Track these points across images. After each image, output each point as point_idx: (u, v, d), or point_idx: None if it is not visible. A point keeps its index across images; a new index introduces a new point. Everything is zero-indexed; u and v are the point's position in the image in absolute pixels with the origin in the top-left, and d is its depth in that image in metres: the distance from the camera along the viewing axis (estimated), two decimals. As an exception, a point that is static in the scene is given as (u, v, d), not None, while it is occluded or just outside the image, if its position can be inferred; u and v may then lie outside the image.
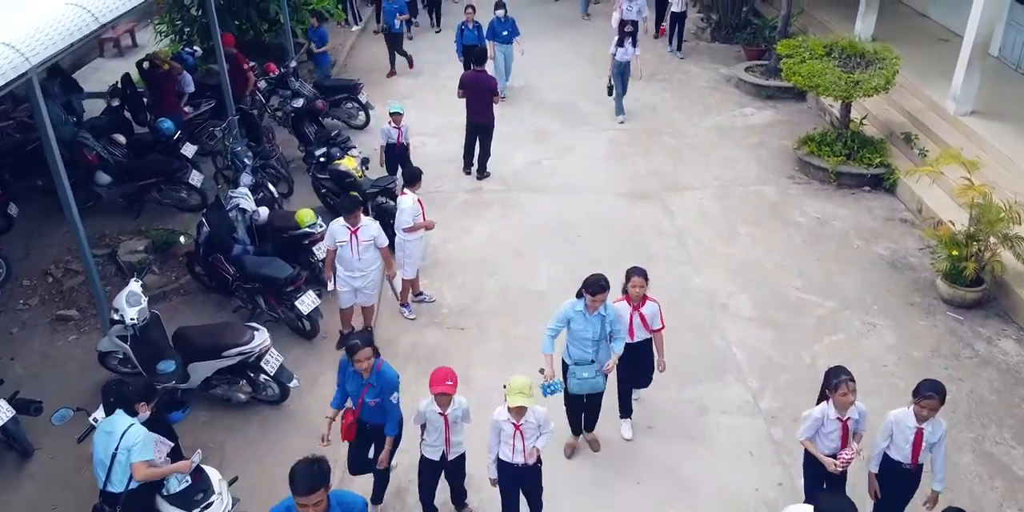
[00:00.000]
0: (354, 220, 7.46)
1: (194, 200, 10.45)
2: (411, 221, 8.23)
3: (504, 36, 13.64)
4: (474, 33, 13.68)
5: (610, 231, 10.16)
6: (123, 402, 5.29)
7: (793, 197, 10.93)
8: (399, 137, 10.35)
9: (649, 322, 6.57)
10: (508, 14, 13.64)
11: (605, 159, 12.22)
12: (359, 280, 7.72)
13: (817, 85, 10.71)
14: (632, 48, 12.72)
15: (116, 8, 7.36)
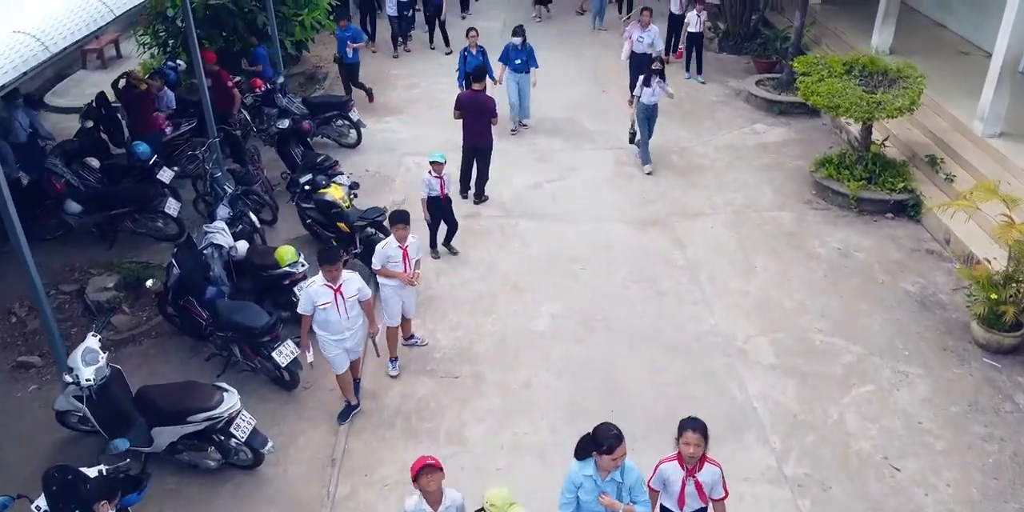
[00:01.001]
0: (334, 275, 6.63)
1: (171, 229, 9.77)
2: (378, 264, 7.38)
3: (517, 64, 12.39)
4: (478, 60, 12.36)
5: (616, 263, 9.48)
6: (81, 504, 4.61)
7: (811, 225, 10.24)
8: (442, 188, 9.07)
9: (708, 491, 5.08)
10: (527, 42, 12.42)
11: (610, 181, 11.53)
12: (349, 340, 6.90)
13: (837, 106, 10.02)
14: (661, 88, 11.29)
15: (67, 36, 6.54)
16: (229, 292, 7.79)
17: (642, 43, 12.94)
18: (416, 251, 7.52)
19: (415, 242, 7.51)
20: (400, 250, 7.33)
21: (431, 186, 9.04)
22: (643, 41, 12.93)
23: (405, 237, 7.32)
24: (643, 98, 11.26)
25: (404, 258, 7.37)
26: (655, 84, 11.17)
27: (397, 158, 12.27)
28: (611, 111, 13.90)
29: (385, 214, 8.69)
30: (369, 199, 10.91)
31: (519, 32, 12.37)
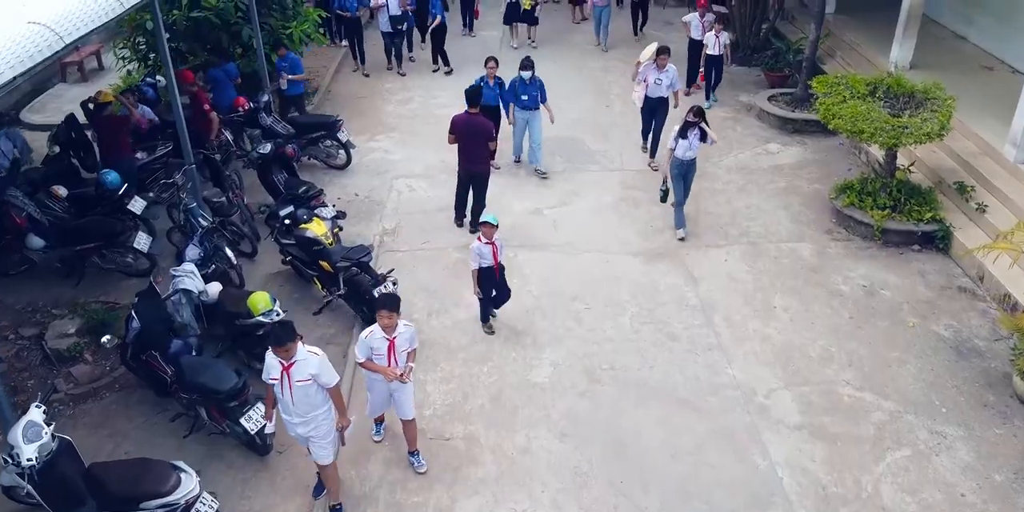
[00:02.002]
0: (286, 354, 5.60)
1: (142, 264, 9.06)
2: (361, 356, 6.20)
3: (525, 101, 11.04)
4: (494, 91, 11.12)
5: (623, 302, 8.75)
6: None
7: (833, 258, 9.51)
8: (495, 255, 7.77)
9: None
10: (536, 75, 11.05)
11: (615, 207, 10.79)
12: (300, 426, 5.86)
13: (861, 131, 9.28)
14: (700, 140, 9.63)
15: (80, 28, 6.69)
16: (196, 345, 7.06)
17: (659, 86, 11.25)
18: (408, 341, 6.18)
19: (406, 331, 6.14)
20: (386, 341, 6.07)
21: (482, 254, 7.72)
22: (660, 83, 11.24)
23: (392, 326, 6.02)
24: (678, 152, 9.58)
25: (390, 351, 6.08)
26: (692, 136, 9.49)
27: (388, 181, 11.54)
28: (615, 128, 13.19)
29: (371, 253, 7.97)
30: (358, 227, 10.26)
31: (528, 65, 10.97)
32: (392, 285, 7.90)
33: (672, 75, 11.22)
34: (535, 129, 11.26)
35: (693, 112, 9.46)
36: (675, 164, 9.71)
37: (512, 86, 11.07)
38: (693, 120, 9.42)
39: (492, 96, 10.93)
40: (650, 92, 11.31)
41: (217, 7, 12.30)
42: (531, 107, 11.07)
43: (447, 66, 15.52)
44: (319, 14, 13.92)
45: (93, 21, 6.82)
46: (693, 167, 9.86)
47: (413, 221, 10.49)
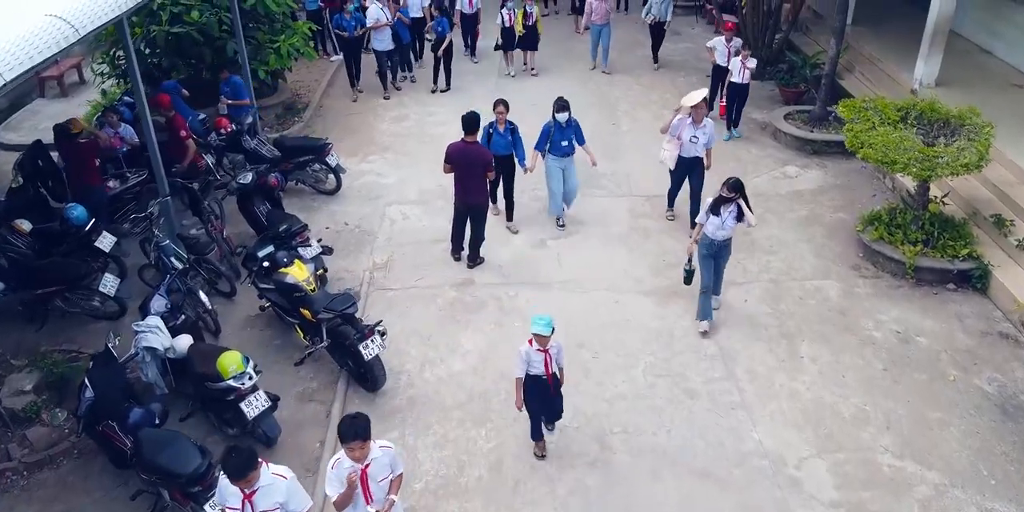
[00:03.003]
0: (247, 482, 4.74)
1: (110, 308, 8.34)
2: (332, 492, 5.02)
3: (564, 147, 9.64)
4: (506, 138, 9.56)
5: (635, 350, 8.00)
6: None
7: (862, 298, 8.75)
8: (547, 365, 6.28)
9: None
10: (572, 116, 9.62)
11: (624, 238, 10.04)
12: None
13: (894, 162, 8.53)
14: (737, 220, 7.84)
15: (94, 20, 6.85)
16: (160, 411, 6.30)
17: (695, 144, 9.47)
18: (388, 467, 5.16)
19: (383, 456, 5.11)
20: (359, 471, 5.00)
21: (530, 361, 6.25)
22: (696, 141, 9.44)
23: (362, 458, 4.97)
24: (708, 229, 7.89)
25: (363, 483, 5.01)
26: (727, 214, 7.76)
27: (380, 208, 10.80)
28: (623, 149, 12.45)
29: (356, 304, 7.20)
30: (347, 261, 9.53)
31: (564, 106, 9.46)
32: (380, 337, 7.15)
33: (709, 131, 9.47)
34: (572, 173, 9.89)
35: (728, 185, 7.70)
36: (704, 244, 8.03)
37: (546, 132, 9.59)
38: (728, 195, 7.73)
39: (503, 144, 9.57)
40: (684, 151, 9.55)
41: (200, 22, 11.60)
42: (569, 153, 9.72)
43: (447, 85, 14.62)
44: (308, 27, 13.20)
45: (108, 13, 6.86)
46: (727, 249, 8.12)
47: (406, 254, 9.75)
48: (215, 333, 8.12)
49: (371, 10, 13.62)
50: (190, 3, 11.75)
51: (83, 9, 6.74)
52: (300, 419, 7.20)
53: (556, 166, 9.77)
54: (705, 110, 9.39)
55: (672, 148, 9.61)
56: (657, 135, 12.80)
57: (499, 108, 9.50)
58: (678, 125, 9.47)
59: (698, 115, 9.29)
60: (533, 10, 14.55)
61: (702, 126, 9.38)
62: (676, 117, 9.50)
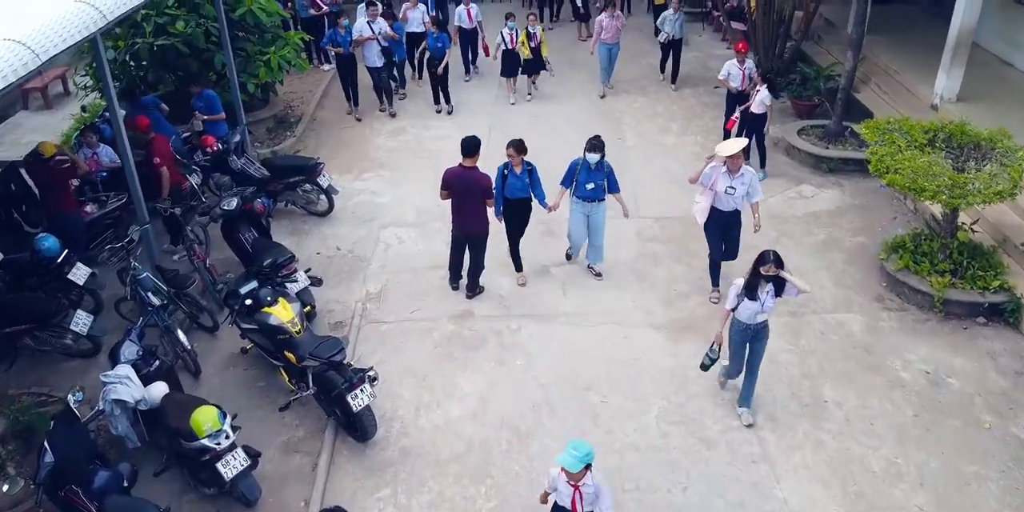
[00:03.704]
0: None
1: (83, 345, 7.78)
2: None
3: (589, 191, 8.61)
4: (522, 180, 8.49)
5: (647, 393, 7.45)
6: None
7: (888, 334, 8.20)
8: (575, 505, 5.18)
9: None
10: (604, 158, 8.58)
11: (632, 265, 9.49)
12: None
13: (922, 188, 7.97)
14: (775, 298, 6.59)
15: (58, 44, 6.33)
16: (129, 472, 5.74)
17: (731, 196, 8.12)
18: None
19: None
20: None
21: (559, 491, 5.25)
22: (732, 193, 8.07)
23: None
24: (741, 314, 6.57)
25: None
26: (766, 295, 6.45)
27: (375, 231, 10.25)
28: (629, 166, 11.88)
29: (343, 350, 6.63)
30: (338, 290, 9.00)
31: (596, 146, 8.44)
32: (371, 385, 6.60)
33: (750, 181, 8.09)
34: (597, 225, 8.80)
35: (770, 261, 6.30)
36: (737, 330, 6.66)
37: (572, 169, 8.62)
38: (769, 274, 6.35)
39: (520, 187, 8.49)
40: (719, 203, 8.21)
41: (185, 33, 11.04)
42: (595, 199, 8.67)
43: (448, 104, 13.70)
44: (301, 37, 12.64)
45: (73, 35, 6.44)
46: (764, 334, 6.72)
47: (401, 282, 9.19)
48: (195, 373, 7.58)
49: (357, 23, 12.97)
50: (175, 13, 11.21)
51: (45, 32, 6.20)
52: (284, 473, 6.65)
53: (579, 211, 8.71)
54: (743, 160, 8.02)
55: (704, 200, 8.24)
56: (664, 149, 12.39)
57: (510, 150, 8.41)
58: (710, 174, 8.08)
59: (735, 164, 7.94)
60: (536, 31, 13.38)
61: (739, 175, 8.03)
62: (708, 165, 8.14)
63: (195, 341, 7.99)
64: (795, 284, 6.42)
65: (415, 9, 14.11)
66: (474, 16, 14.19)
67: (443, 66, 13.13)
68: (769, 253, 6.43)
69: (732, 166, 7.97)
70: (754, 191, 8.18)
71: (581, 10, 17.00)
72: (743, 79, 11.46)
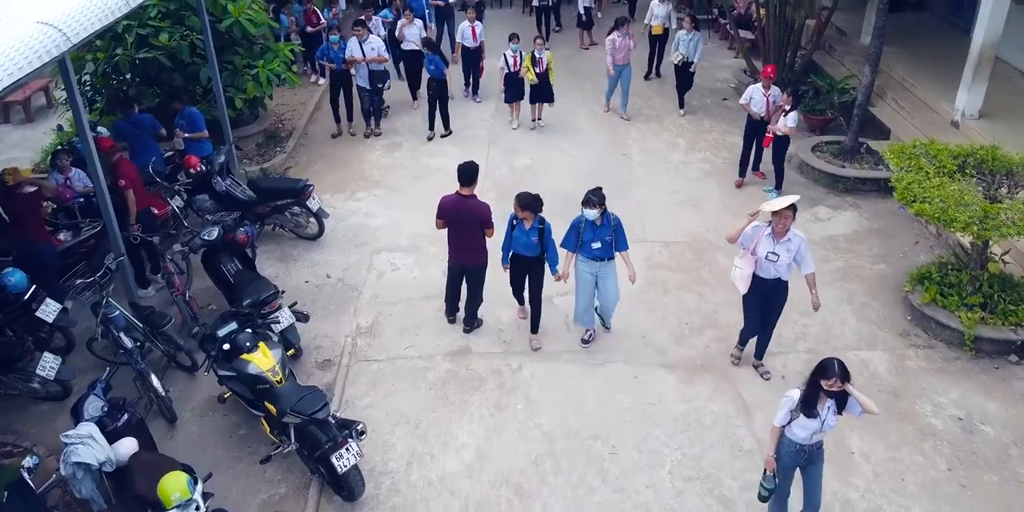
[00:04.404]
0: None
1: (52, 388, 7.22)
2: None
3: (595, 250, 7.53)
4: (530, 238, 7.54)
5: (659, 444, 6.89)
6: None
7: (916, 375, 7.66)
8: None
9: None
10: (608, 212, 7.47)
11: (641, 295, 8.91)
12: None
13: (953, 219, 7.42)
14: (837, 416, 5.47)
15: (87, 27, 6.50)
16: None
17: (774, 263, 6.94)
18: None
19: None
20: None
21: None
22: (776, 260, 6.92)
23: None
24: (797, 434, 5.49)
25: None
26: (826, 412, 5.40)
27: (367, 257, 9.69)
28: (635, 184, 11.37)
29: (327, 405, 6.05)
30: (326, 324, 8.48)
31: (593, 201, 7.30)
32: (358, 441, 6.04)
33: (797, 248, 6.89)
34: (608, 288, 7.76)
35: (835, 375, 5.19)
36: (788, 450, 5.56)
37: (575, 228, 7.50)
38: (833, 388, 5.24)
39: (527, 244, 7.56)
40: (760, 270, 7.03)
41: (169, 46, 10.50)
42: (603, 258, 7.62)
43: (446, 128, 12.76)
44: (291, 49, 12.07)
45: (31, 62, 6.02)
46: (819, 456, 5.68)
47: (394, 315, 8.64)
48: (170, 420, 7.02)
49: (348, 42, 12.19)
50: (159, 25, 10.67)
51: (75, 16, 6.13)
52: (265, 536, 6.10)
53: (586, 271, 7.66)
54: (791, 219, 6.79)
55: (745, 265, 7.05)
56: (671, 167, 11.82)
57: (517, 208, 7.46)
58: (752, 235, 6.93)
59: (781, 225, 6.77)
60: (544, 55, 12.23)
61: (785, 240, 6.86)
62: (749, 224, 6.96)
63: (172, 383, 7.47)
64: (861, 402, 5.31)
65: (412, 25, 13.20)
66: (479, 34, 13.44)
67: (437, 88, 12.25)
68: (833, 364, 5.23)
69: (778, 227, 6.78)
70: (804, 261, 6.97)
71: (583, 17, 16.45)
72: (767, 106, 10.55)
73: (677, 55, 13.04)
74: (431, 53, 12.11)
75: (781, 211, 6.71)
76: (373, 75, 12.10)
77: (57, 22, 6.20)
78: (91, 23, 6.52)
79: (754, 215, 6.93)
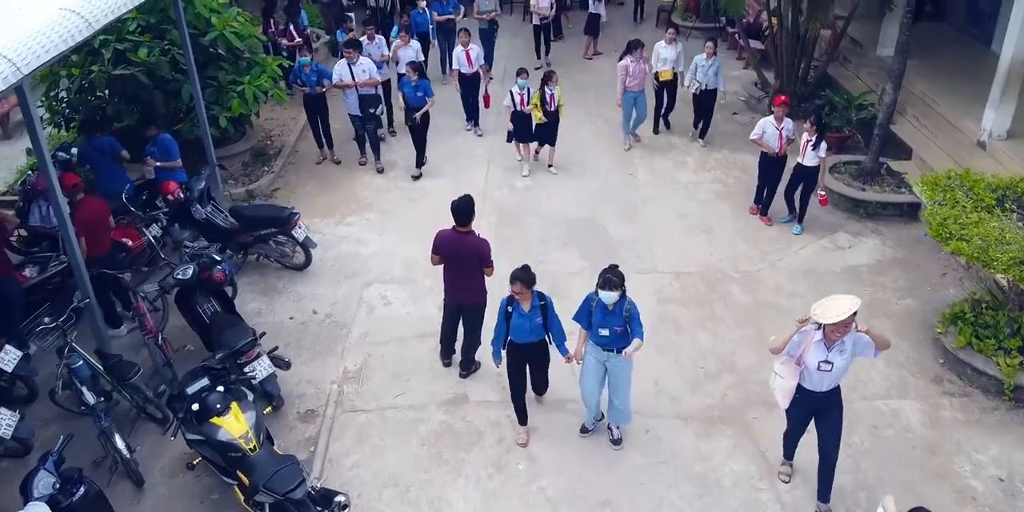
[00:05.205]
0: None
1: (11, 445, 6.59)
2: None
3: (604, 338, 6.33)
4: (532, 321, 6.43)
5: (676, 511, 6.26)
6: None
7: (951, 427, 7.03)
8: None
9: None
10: (626, 294, 6.28)
11: (651, 333, 8.00)
12: None
13: (993, 260, 6.78)
14: None
15: None
16: None
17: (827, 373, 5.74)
18: None
19: None
20: None
21: None
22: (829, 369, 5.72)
23: None
24: None
25: None
26: None
27: (357, 289, 9.07)
28: (643, 206, 10.76)
29: (304, 482, 5.42)
30: (311, 368, 7.87)
31: (612, 282, 6.11)
32: (341, 517, 5.41)
33: (852, 346, 5.64)
34: (619, 381, 6.54)
35: None
36: None
37: (587, 306, 6.36)
38: None
39: (530, 328, 6.45)
40: (808, 382, 5.79)
41: (148, 62, 9.87)
42: (613, 347, 6.38)
43: (418, 168, 11.46)
44: (279, 63, 11.43)
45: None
46: None
47: (385, 356, 8.02)
48: (137, 484, 6.39)
49: (337, 64, 11.32)
50: (138, 39, 10.04)
51: None
52: None
53: (594, 360, 6.49)
54: (853, 325, 5.50)
55: (788, 375, 5.77)
56: (680, 188, 11.17)
57: (515, 287, 6.28)
58: (799, 342, 5.68)
59: (837, 334, 5.52)
60: (555, 91, 10.93)
61: (840, 343, 5.59)
62: (798, 329, 5.70)
63: (141, 438, 6.87)
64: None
65: (407, 47, 12.16)
66: (474, 59, 12.26)
67: (420, 115, 11.00)
68: None
69: (833, 335, 5.52)
70: (864, 348, 5.63)
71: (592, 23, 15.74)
72: (781, 141, 9.64)
73: (694, 83, 11.71)
74: (419, 78, 11.01)
75: (843, 321, 5.34)
76: (363, 100, 11.12)
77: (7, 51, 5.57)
78: (45, 51, 5.88)
79: (803, 322, 5.62)
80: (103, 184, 8.98)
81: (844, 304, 5.34)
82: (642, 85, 11.76)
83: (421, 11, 13.93)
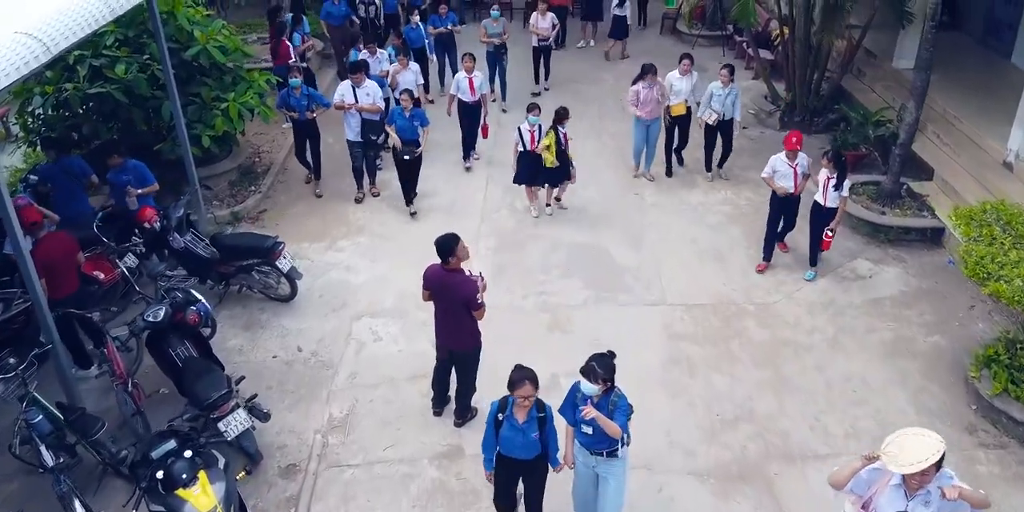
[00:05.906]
0: None
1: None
2: None
3: (588, 438, 5.45)
4: (528, 437, 5.37)
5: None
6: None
7: (989, 483, 6.43)
8: None
9: None
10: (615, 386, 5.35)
11: (661, 374, 7.72)
12: None
13: (1037, 304, 6.22)
14: None
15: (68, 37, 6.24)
16: None
17: None
18: None
19: None
20: None
21: None
22: None
23: None
24: None
25: None
26: None
27: (346, 323, 8.49)
28: (648, 228, 10.20)
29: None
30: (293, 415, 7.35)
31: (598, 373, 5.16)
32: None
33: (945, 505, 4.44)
34: (609, 490, 5.52)
35: None
36: None
37: (570, 398, 5.41)
38: None
39: (527, 444, 5.38)
40: None
41: (126, 79, 9.30)
42: (601, 450, 5.42)
43: (410, 205, 10.47)
44: (266, 79, 10.84)
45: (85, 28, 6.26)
46: None
47: (374, 401, 7.45)
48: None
49: (340, 86, 10.51)
50: (115, 55, 9.47)
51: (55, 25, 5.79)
52: None
53: (583, 463, 5.57)
54: (932, 473, 4.35)
55: None
56: (689, 209, 10.58)
57: (524, 389, 5.17)
58: (868, 480, 4.60)
59: (917, 482, 4.38)
60: (567, 130, 9.97)
61: (924, 492, 4.42)
62: (864, 465, 4.56)
63: (107, 498, 6.26)
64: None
65: (407, 71, 11.32)
66: (477, 87, 11.11)
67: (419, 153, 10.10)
68: None
69: (913, 483, 4.42)
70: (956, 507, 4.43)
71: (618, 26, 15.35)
72: (795, 180, 8.76)
73: (709, 113, 10.61)
74: (414, 107, 10.05)
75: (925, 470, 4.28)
76: (366, 125, 10.28)
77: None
78: None
79: (871, 459, 4.48)
80: (60, 205, 8.39)
81: (924, 450, 4.23)
82: (655, 113, 10.79)
83: (414, 26, 13.23)
